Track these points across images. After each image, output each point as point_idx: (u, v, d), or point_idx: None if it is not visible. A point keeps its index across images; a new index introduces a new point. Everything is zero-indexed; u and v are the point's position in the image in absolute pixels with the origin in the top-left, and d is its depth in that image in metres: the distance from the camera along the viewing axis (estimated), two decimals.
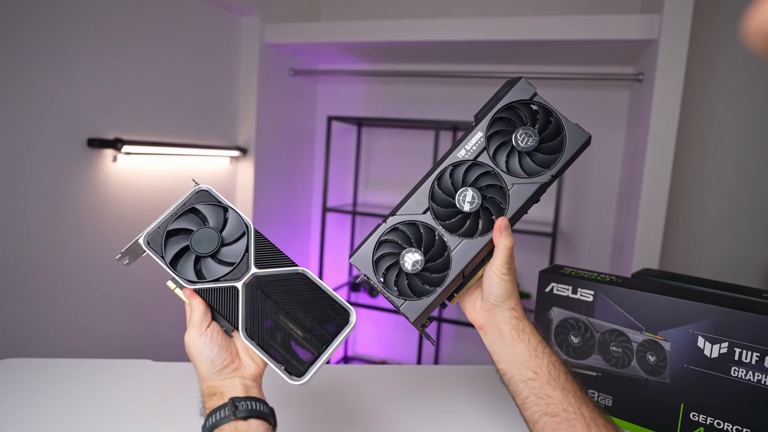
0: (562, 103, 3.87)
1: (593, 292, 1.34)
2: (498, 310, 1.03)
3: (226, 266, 0.97)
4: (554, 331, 1.39)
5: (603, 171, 3.91)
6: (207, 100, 3.50)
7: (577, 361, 1.36)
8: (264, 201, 3.98)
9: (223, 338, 0.93)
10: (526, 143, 0.99)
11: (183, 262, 0.97)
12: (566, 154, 1.00)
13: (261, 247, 0.99)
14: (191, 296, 0.95)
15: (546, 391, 0.96)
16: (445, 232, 1.01)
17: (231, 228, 1.00)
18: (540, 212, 3.97)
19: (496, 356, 1.03)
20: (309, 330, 0.94)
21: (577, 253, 4.01)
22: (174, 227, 0.98)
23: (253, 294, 0.95)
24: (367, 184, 4.58)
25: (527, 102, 1.02)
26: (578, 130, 1.01)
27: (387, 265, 1.00)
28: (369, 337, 4.72)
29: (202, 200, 1.00)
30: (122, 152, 2.77)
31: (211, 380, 0.91)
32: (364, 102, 4.53)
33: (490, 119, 1.01)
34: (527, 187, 1.00)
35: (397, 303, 0.99)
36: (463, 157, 1.01)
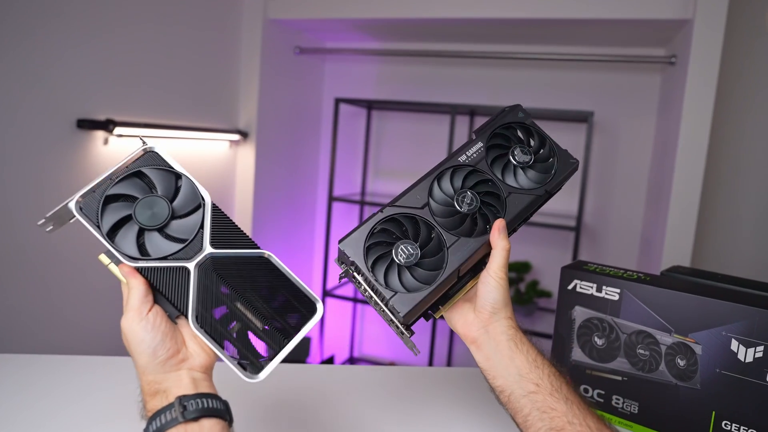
0: (588, 87, 3.87)
1: (619, 290, 1.34)
2: (494, 319, 1.03)
3: (177, 243, 0.90)
4: (577, 331, 1.39)
5: (631, 161, 3.90)
6: (205, 79, 3.51)
7: (600, 365, 1.36)
8: (265, 189, 3.99)
9: (167, 324, 0.87)
10: (522, 159, 1.12)
11: (123, 235, 0.89)
12: (557, 176, 1.12)
13: (219, 223, 0.92)
14: (130, 274, 0.87)
15: (549, 404, 0.96)
16: (442, 230, 1.03)
17: (184, 198, 0.92)
18: (563, 205, 3.97)
19: (492, 372, 1.02)
20: (269, 321, 0.90)
21: (602, 248, 4.00)
22: (114, 192, 0.90)
23: (207, 277, 0.89)
24: (377, 172, 4.58)
25: (523, 125, 1.16)
26: (567, 156, 1.15)
27: (378, 255, 1.00)
28: (376, 336, 4.73)
29: (150, 163, 0.93)
30: (114, 134, 2.79)
31: (152, 373, 0.85)
32: (375, 83, 4.53)
33: (491, 133, 1.13)
34: (522, 197, 1.09)
35: (385, 295, 0.98)
36: (464, 162, 1.10)
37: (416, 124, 4.43)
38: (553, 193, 1.13)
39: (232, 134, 3.70)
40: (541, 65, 4.03)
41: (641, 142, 3.87)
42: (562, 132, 3.94)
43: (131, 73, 2.94)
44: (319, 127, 4.66)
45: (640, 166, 3.88)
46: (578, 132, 3.90)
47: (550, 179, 1.12)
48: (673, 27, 3.18)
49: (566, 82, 3.99)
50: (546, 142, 1.15)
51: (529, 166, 1.12)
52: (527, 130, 1.16)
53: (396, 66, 4.47)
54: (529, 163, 1.11)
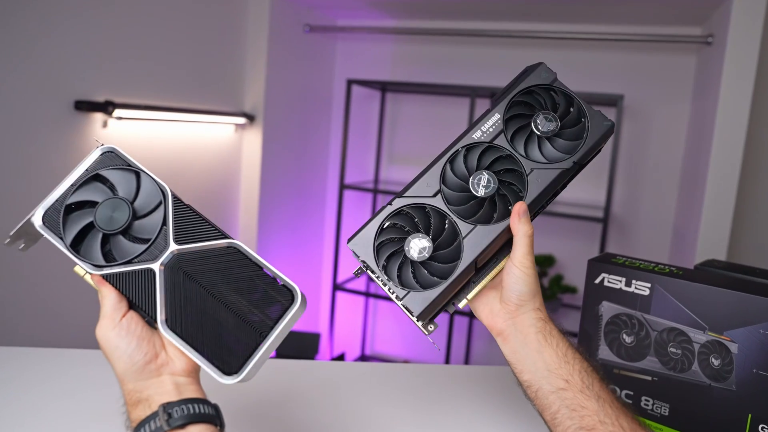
0: (617, 69, 3.85)
1: (650, 284, 1.33)
2: (522, 311, 1.02)
3: (141, 244, 0.90)
4: (604, 328, 1.39)
5: (664, 148, 3.88)
6: (210, 59, 3.52)
7: (629, 364, 1.36)
8: (273, 175, 4.00)
9: (143, 329, 0.87)
10: (546, 128, 1.04)
11: (88, 243, 0.90)
12: (588, 141, 1.04)
13: (181, 217, 0.92)
14: (100, 283, 0.89)
15: (580, 402, 0.95)
16: (457, 218, 1.00)
17: (145, 196, 0.92)
18: (590, 194, 3.96)
19: (519, 366, 1.01)
20: (245, 316, 0.88)
21: (631, 241, 4.00)
22: (74, 200, 0.91)
23: (174, 276, 0.89)
24: (391, 158, 4.59)
25: (547, 87, 1.08)
26: (601, 117, 1.06)
27: (390, 252, 0.99)
28: (390, 334, 4.74)
29: (108, 164, 0.93)
30: (113, 117, 2.80)
31: (132, 382, 0.85)
32: (390, 64, 4.53)
33: (509, 102, 1.06)
34: (547, 173, 1.03)
35: (399, 294, 0.97)
36: (479, 139, 1.04)
37: (433, 108, 4.43)
38: (584, 163, 1.06)
39: (237, 117, 3.71)
40: (567, 45, 4.02)
41: (674, 127, 3.85)
42: None
43: (132, 52, 2.95)
44: (330, 111, 4.67)
45: (673, 153, 3.87)
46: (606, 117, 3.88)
47: (579, 147, 1.04)
48: (709, 4, 3.16)
49: (594, 63, 3.97)
50: (574, 102, 1.07)
51: (556, 134, 1.04)
52: (552, 92, 1.08)
53: (412, 45, 4.46)
54: (555, 132, 1.04)
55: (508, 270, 1.02)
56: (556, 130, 1.04)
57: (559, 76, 1.10)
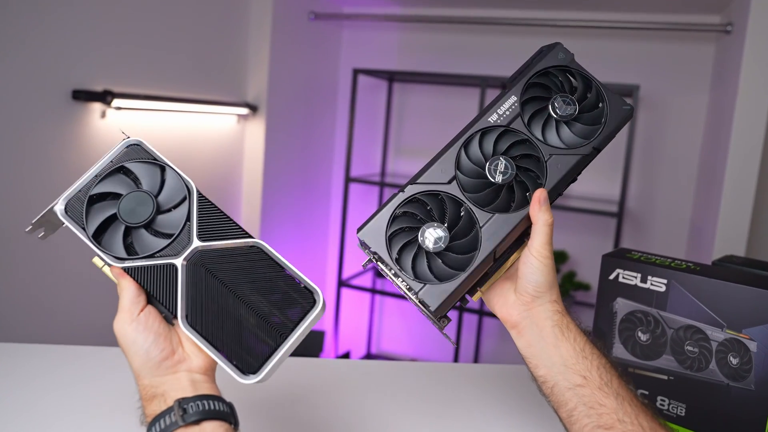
0: (633, 58, 3.84)
1: (666, 280, 1.33)
2: (538, 302, 1.01)
3: (163, 238, 0.92)
4: (618, 326, 1.39)
5: (681, 140, 3.88)
6: (212, 47, 3.52)
7: (644, 362, 1.36)
8: (276, 168, 4.01)
9: (161, 325, 0.89)
10: (565, 111, 1.03)
11: (110, 235, 0.92)
12: (608, 127, 1.04)
13: (206, 214, 0.94)
14: (120, 276, 0.90)
15: (598, 399, 0.95)
16: (474, 206, 0.99)
17: (169, 191, 0.94)
18: (604, 188, 3.96)
19: (534, 360, 1.01)
20: (265, 317, 0.89)
21: (647, 236, 3.99)
22: (98, 191, 0.93)
23: (196, 273, 0.91)
24: (398, 150, 4.59)
25: (565, 69, 1.07)
26: (619, 101, 1.06)
27: (403, 243, 0.98)
28: (397, 331, 4.74)
29: (133, 157, 0.95)
30: (112, 107, 2.80)
31: (148, 377, 0.87)
32: (397, 53, 4.52)
33: (525, 84, 1.05)
34: (566, 158, 1.02)
35: (414, 287, 0.96)
36: (495, 123, 1.03)
37: (442, 98, 4.43)
38: (601, 148, 1.05)
39: (240, 108, 3.71)
40: (581, 34, 4.01)
41: (692, 119, 3.84)
42: None
43: (132, 40, 2.96)
44: (336, 101, 4.67)
45: (691, 145, 3.86)
46: None
47: (599, 132, 1.04)
48: None
49: (609, 52, 3.96)
50: (592, 85, 1.07)
51: (575, 118, 1.04)
52: (569, 74, 1.08)
53: (421, 33, 4.46)
54: (573, 115, 1.03)
55: (524, 260, 1.01)
56: (575, 114, 1.04)
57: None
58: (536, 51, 1.11)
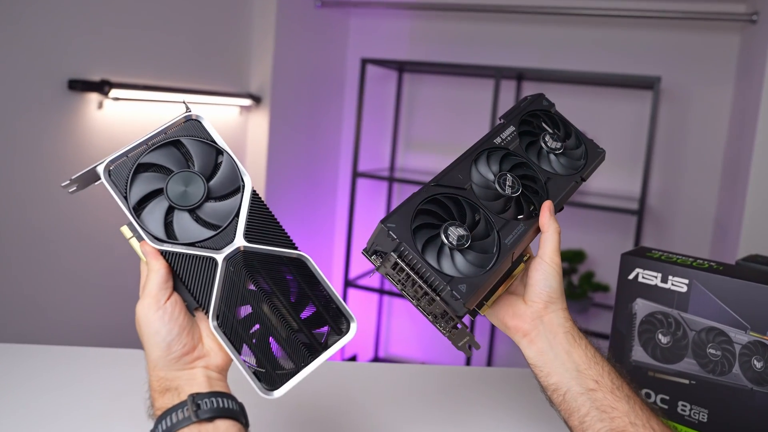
0: (654, 49, 3.83)
1: (688, 280, 1.33)
2: (551, 309, 1.07)
3: (207, 229, 0.91)
4: (638, 327, 1.39)
5: (704, 134, 3.87)
6: (214, 35, 3.53)
7: (665, 366, 1.37)
8: (280, 162, 4.01)
9: (185, 317, 0.89)
10: (553, 145, 1.22)
11: (150, 210, 0.90)
12: (589, 163, 1.24)
13: (256, 213, 0.94)
14: (152, 256, 0.89)
15: (610, 403, 0.98)
16: (489, 212, 1.08)
17: (222, 178, 0.94)
18: (624, 185, 3.95)
19: (546, 368, 1.05)
20: (296, 333, 0.90)
21: (668, 235, 3.98)
22: (147, 160, 0.91)
23: (235, 273, 0.90)
24: (408, 144, 4.59)
25: (548, 114, 1.27)
26: (594, 145, 1.27)
27: (427, 237, 1.02)
28: (406, 334, 4.74)
29: (191, 133, 0.95)
30: (110, 97, 2.82)
31: (164, 369, 0.87)
32: (407, 42, 4.52)
33: (520, 118, 1.23)
34: (561, 182, 1.19)
35: (442, 279, 0.98)
36: (500, 144, 1.18)
37: (454, 90, 4.43)
38: (585, 180, 1.24)
39: (242, 99, 3.71)
40: (599, 23, 4.00)
41: (716, 112, 3.83)
42: (624, 100, 3.92)
43: (130, 28, 2.96)
44: (343, 92, 4.67)
45: (714, 140, 3.85)
46: (642, 101, 3.88)
47: (582, 166, 1.23)
48: None
49: (629, 42, 3.96)
50: (572, 131, 1.27)
51: (561, 153, 1.22)
52: (551, 119, 1.27)
53: (432, 22, 4.46)
54: (560, 150, 1.22)
55: (537, 267, 1.08)
56: (561, 150, 1.22)
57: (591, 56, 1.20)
58: (521, 98, 1.31)
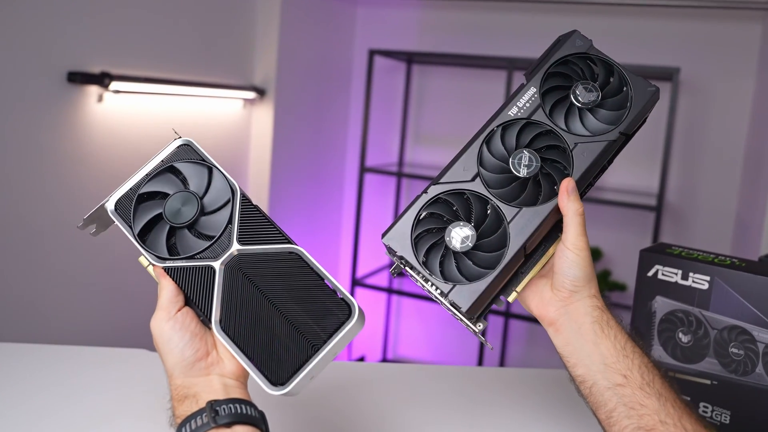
0: (672, 39, 3.82)
1: (709, 277, 1.32)
2: (576, 297, 1.03)
3: (205, 240, 0.98)
4: (657, 326, 1.39)
5: (725, 127, 3.85)
6: (217, 26, 3.53)
7: (686, 366, 1.36)
8: (285, 157, 4.01)
9: (197, 325, 0.95)
10: (587, 98, 1.08)
11: (155, 234, 0.99)
12: (633, 110, 1.08)
13: (248, 217, 0.99)
14: (160, 275, 0.97)
15: (639, 399, 0.96)
16: (500, 202, 1.03)
17: (215, 192, 1.00)
18: (641, 180, 3.94)
19: (572, 359, 1.03)
20: (299, 326, 0.92)
21: (688, 232, 3.97)
22: (146, 190, 1.00)
23: (234, 277, 0.96)
24: (418, 138, 4.59)
25: (584, 56, 1.12)
26: (644, 83, 1.10)
27: (429, 245, 1.01)
28: (415, 335, 4.74)
29: (182, 157, 1.02)
30: (110, 90, 2.82)
31: (180, 377, 0.92)
32: (416, 32, 4.52)
33: (544, 74, 1.10)
34: (592, 146, 1.06)
35: (443, 288, 0.99)
36: (515, 116, 1.07)
37: (465, 82, 4.42)
38: (631, 134, 1.10)
39: (246, 92, 3.72)
40: (615, 12, 3.99)
41: (737, 104, 3.82)
42: None
43: (130, 19, 2.97)
44: (350, 85, 4.67)
45: (736, 133, 3.84)
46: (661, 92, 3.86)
47: (624, 117, 1.07)
48: None
49: (647, 32, 3.95)
50: (614, 70, 1.11)
51: (598, 105, 1.08)
52: (589, 61, 1.12)
53: (442, 11, 4.46)
54: (596, 102, 1.07)
55: (560, 254, 1.04)
56: (598, 101, 1.07)
57: (608, 47, 1.12)
58: (553, 41, 1.15)
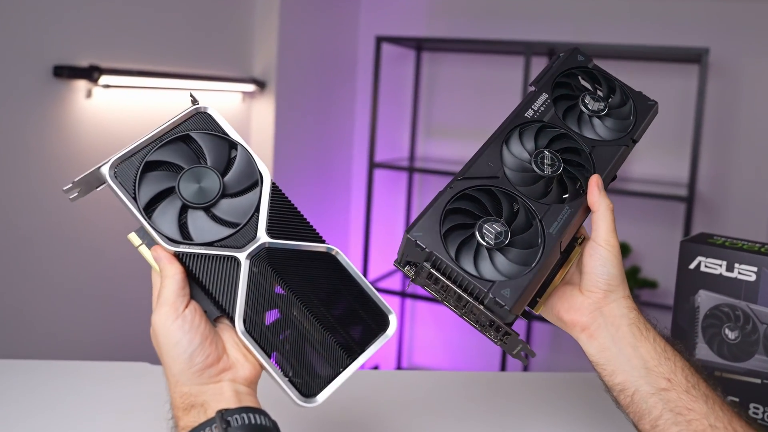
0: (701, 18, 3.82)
1: (756, 268, 1.31)
2: (611, 298, 1.03)
3: (226, 227, 0.92)
4: (702, 323, 1.37)
5: (757, 111, 3.85)
6: (212, 15, 3.54)
7: (733, 364, 1.35)
8: (288, 153, 4.02)
9: (206, 326, 0.89)
10: (595, 107, 1.17)
11: (162, 211, 0.91)
12: (639, 121, 1.18)
13: (278, 207, 0.95)
14: (166, 260, 0.89)
15: (685, 404, 0.95)
16: (528, 199, 1.04)
17: (238, 173, 0.95)
18: (670, 169, 3.94)
19: (609, 367, 1.01)
20: (332, 334, 0.90)
21: (721, 223, 3.97)
22: (156, 158, 0.92)
23: (261, 272, 0.91)
24: (429, 130, 4.59)
25: (586, 70, 1.22)
26: (643, 98, 1.21)
27: (461, 240, 0.99)
28: (431, 342, 4.74)
29: (201, 127, 0.96)
30: (99, 84, 2.81)
31: (187, 384, 0.87)
32: (426, 17, 4.52)
33: (553, 82, 1.18)
34: (609, 150, 1.14)
35: (483, 288, 0.96)
36: (532, 118, 1.14)
37: (480, 69, 4.42)
38: (637, 141, 1.18)
39: (245, 84, 3.73)
40: None
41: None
42: (668, 76, 3.89)
43: (121, 8, 2.97)
44: (356, 75, 4.69)
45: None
46: (688, 76, 3.85)
47: (632, 126, 1.17)
48: None
49: (673, 11, 3.93)
50: (615, 86, 1.20)
51: (605, 114, 1.16)
52: (590, 75, 1.22)
53: None
54: (604, 111, 1.16)
55: (591, 252, 1.04)
56: (605, 110, 1.17)
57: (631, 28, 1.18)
58: (554, 57, 1.24)
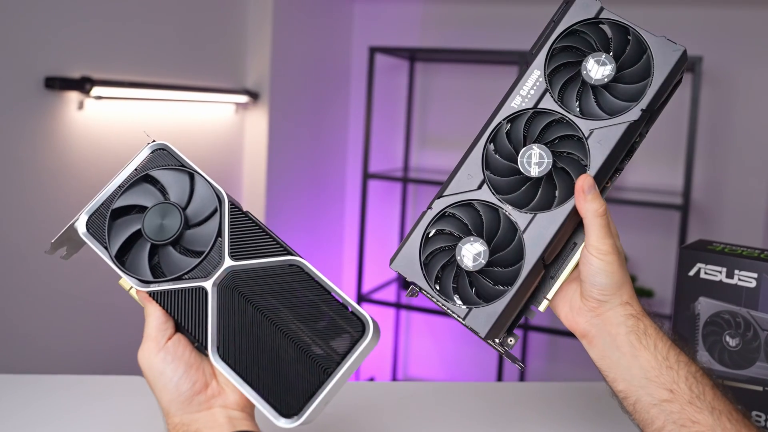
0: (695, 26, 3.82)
1: (756, 274, 1.31)
2: (606, 307, 0.99)
3: (193, 257, 0.93)
4: (702, 330, 1.37)
5: (751, 119, 3.86)
6: (204, 26, 3.54)
7: (735, 372, 1.35)
8: (281, 164, 4.02)
9: (191, 354, 0.90)
10: (600, 74, 0.99)
11: (135, 254, 0.94)
12: (656, 80, 0.99)
13: (238, 227, 0.94)
14: (145, 300, 0.92)
15: (689, 415, 0.93)
16: (512, 209, 0.98)
17: (199, 201, 0.95)
18: (664, 177, 3.94)
19: (611, 374, 1.00)
20: (307, 348, 0.89)
21: (716, 231, 3.98)
22: (121, 204, 0.95)
23: (229, 298, 0.91)
24: (424, 141, 4.60)
25: (593, 21, 1.02)
26: (666, 45, 1.01)
27: (440, 265, 0.98)
28: (427, 353, 4.74)
29: (159, 163, 0.97)
30: (91, 96, 2.81)
31: (179, 414, 0.87)
32: (419, 28, 4.53)
33: (549, 51, 1.02)
34: (611, 130, 0.98)
35: (459, 313, 0.96)
36: (520, 107, 1.02)
37: (474, 79, 4.43)
38: (656, 109, 1.02)
39: (238, 95, 3.72)
40: None
41: (764, 95, 3.83)
42: None
43: (113, 19, 2.96)
44: (349, 85, 4.69)
45: (763, 125, 3.85)
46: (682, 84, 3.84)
47: (646, 90, 0.99)
48: None
49: (666, 19, 3.95)
50: (630, 33, 1.01)
51: (614, 79, 0.99)
52: (599, 31, 1.02)
53: (446, 4, 4.47)
54: (612, 76, 0.98)
55: (583, 260, 0.99)
56: (614, 74, 0.99)
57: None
58: (558, 6, 1.05)
